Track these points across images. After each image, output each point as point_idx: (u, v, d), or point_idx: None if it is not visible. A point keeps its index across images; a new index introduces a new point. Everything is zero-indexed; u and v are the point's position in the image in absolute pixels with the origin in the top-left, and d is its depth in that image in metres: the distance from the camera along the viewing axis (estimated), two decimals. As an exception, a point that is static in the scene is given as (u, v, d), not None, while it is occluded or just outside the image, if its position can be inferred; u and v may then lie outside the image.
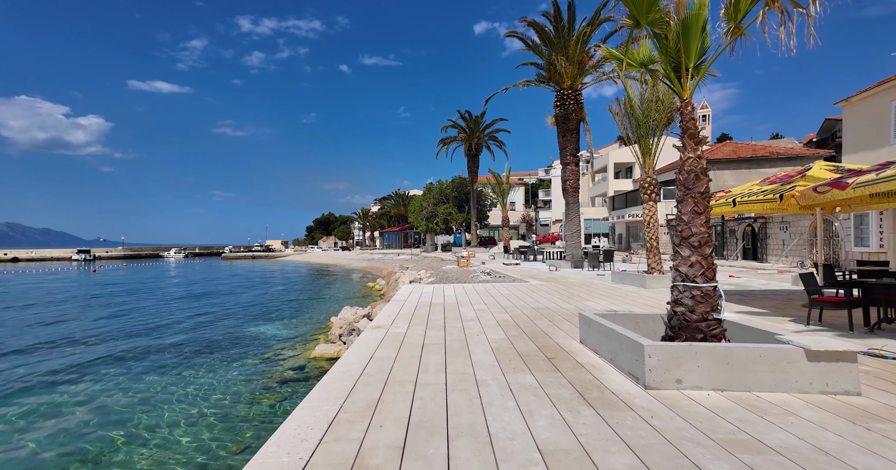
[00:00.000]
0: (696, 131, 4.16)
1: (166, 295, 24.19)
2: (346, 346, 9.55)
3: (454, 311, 7.75)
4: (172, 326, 14.43)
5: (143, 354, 10.70)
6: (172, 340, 12.09)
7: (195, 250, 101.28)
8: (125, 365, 9.80)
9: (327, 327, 12.91)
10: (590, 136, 18.30)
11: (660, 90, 10.48)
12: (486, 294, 9.98)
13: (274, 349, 10.65)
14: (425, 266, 26.68)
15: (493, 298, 9.23)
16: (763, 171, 26.57)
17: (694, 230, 4.06)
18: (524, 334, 5.69)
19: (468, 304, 8.54)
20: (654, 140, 10.89)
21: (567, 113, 17.66)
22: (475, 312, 7.58)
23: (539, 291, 10.30)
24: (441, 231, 44.11)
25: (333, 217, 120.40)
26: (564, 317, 6.92)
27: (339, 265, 53.12)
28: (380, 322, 6.79)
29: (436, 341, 5.37)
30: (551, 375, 3.91)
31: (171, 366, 9.58)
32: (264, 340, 11.91)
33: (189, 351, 10.74)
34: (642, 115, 10.73)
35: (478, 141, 35.99)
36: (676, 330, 4.06)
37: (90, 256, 72.21)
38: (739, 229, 20.44)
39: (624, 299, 8.72)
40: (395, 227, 70.97)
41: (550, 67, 17.83)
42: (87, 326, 14.83)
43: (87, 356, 10.62)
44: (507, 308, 7.90)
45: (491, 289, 11.16)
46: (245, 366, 9.34)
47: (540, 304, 8.33)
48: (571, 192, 18.18)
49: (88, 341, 12.39)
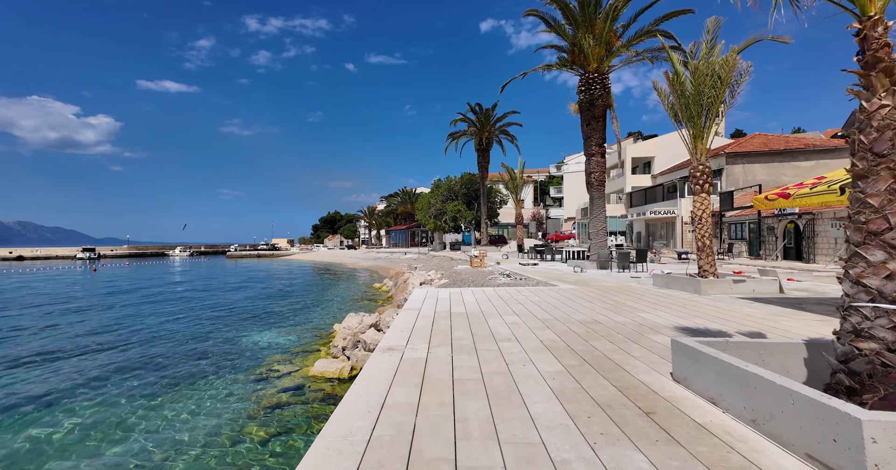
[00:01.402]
0: (892, 64, 2.65)
1: (160, 297, 23.01)
2: (349, 362, 8.15)
3: (482, 324, 6.31)
4: (158, 333, 13.13)
5: (114, 370, 9.36)
6: (155, 352, 10.76)
7: (200, 249, 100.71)
8: (86, 385, 8.46)
9: (329, 336, 11.53)
10: (617, 124, 16.74)
11: (716, 62, 8.93)
12: (514, 301, 8.53)
13: (268, 363, 9.28)
14: (435, 266, 25.26)
15: (524, 307, 7.78)
16: (797, 165, 24.80)
17: (894, 221, 2.57)
18: (587, 364, 4.23)
19: (496, 315, 7.10)
20: (708, 121, 9.34)
21: (592, 98, 16.11)
22: (508, 326, 6.14)
23: (574, 298, 8.83)
24: (450, 229, 42.68)
25: (339, 215, 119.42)
26: (626, 336, 5.44)
27: (344, 265, 51.91)
28: (392, 341, 5.37)
29: (469, 375, 3.94)
30: (671, 452, 2.46)
31: (145, 385, 8.23)
32: (259, 351, 10.56)
33: (171, 366, 9.39)
34: (694, 92, 9.19)
35: (488, 135, 34.43)
36: (862, 378, 2.58)
37: (95, 254, 71.67)
38: (780, 226, 18.75)
39: (686, 310, 7.23)
40: (402, 226, 69.65)
41: (574, 49, 16.28)
42: (59, 333, 13.59)
43: (42, 374, 9.32)
44: (546, 321, 6.45)
45: (516, 294, 9.71)
46: (234, 385, 7.98)
47: (585, 316, 6.86)
48: (597, 185, 16.64)
49: (55, 353, 11.12)
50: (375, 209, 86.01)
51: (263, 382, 7.96)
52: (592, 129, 16.46)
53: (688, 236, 26.77)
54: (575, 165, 50.02)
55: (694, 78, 9.13)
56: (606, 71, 16.37)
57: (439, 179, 43.02)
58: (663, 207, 28.27)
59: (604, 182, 16.66)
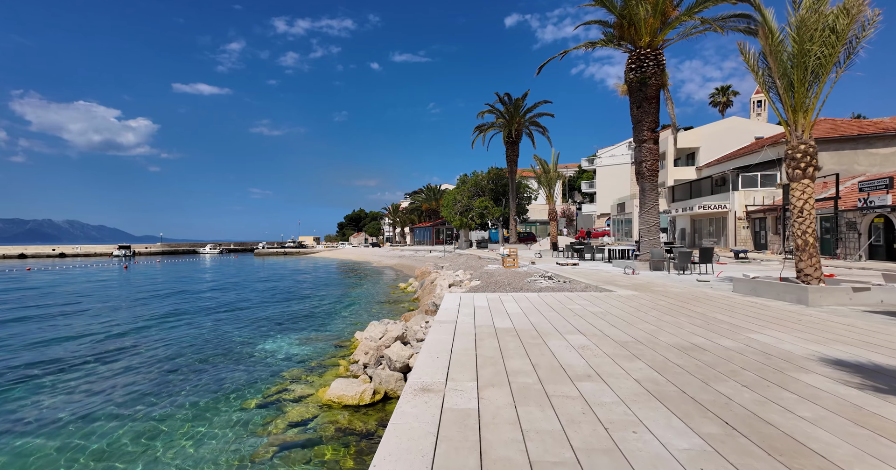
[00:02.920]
0: None
1: (181, 296, 22.52)
2: (370, 384, 6.79)
3: (540, 348, 4.81)
4: (169, 339, 12.22)
5: (108, 386, 8.35)
6: (160, 362, 9.76)
7: (230, 246, 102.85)
8: (73, 401, 7.45)
9: (350, 346, 10.27)
10: (672, 106, 14.74)
11: (831, 12, 7.03)
12: (569, 312, 6.96)
13: (281, 381, 8.05)
14: (463, 265, 23.78)
15: (587, 322, 6.20)
16: (873, 152, 21.94)
17: None
18: (738, 435, 2.67)
19: (555, 333, 5.57)
20: (816, 88, 7.44)
21: (644, 77, 14.21)
22: (577, 352, 4.61)
23: (645, 309, 7.17)
24: (476, 226, 41.12)
25: (364, 213, 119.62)
26: (758, 373, 3.82)
27: (368, 263, 51.18)
28: (425, 374, 3.95)
29: (554, 452, 2.47)
30: None
31: (139, 407, 7.14)
32: (274, 363, 9.38)
33: (174, 382, 8.30)
34: (797, 51, 7.32)
35: (518, 127, 32.54)
36: None
37: (130, 251, 73.90)
38: (864, 222, 16.27)
39: (809, 329, 5.48)
40: (427, 223, 68.49)
41: (623, 22, 14.40)
42: (59, 336, 12.90)
43: (22, 388, 8.40)
44: (626, 345, 4.87)
45: (568, 302, 8.13)
46: (240, 413, 6.78)
47: (675, 336, 5.24)
48: (648, 175, 14.75)
49: (42, 361, 10.30)
50: (399, 206, 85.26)
51: (273, 411, 6.70)
52: (644, 111, 14.56)
53: (742, 233, 24.27)
54: (608, 159, 47.37)
55: (798, 33, 7.25)
56: (661, 45, 14.40)
57: (465, 175, 41.44)
58: (713, 201, 25.79)
59: (657, 172, 14.75)
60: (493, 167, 40.26)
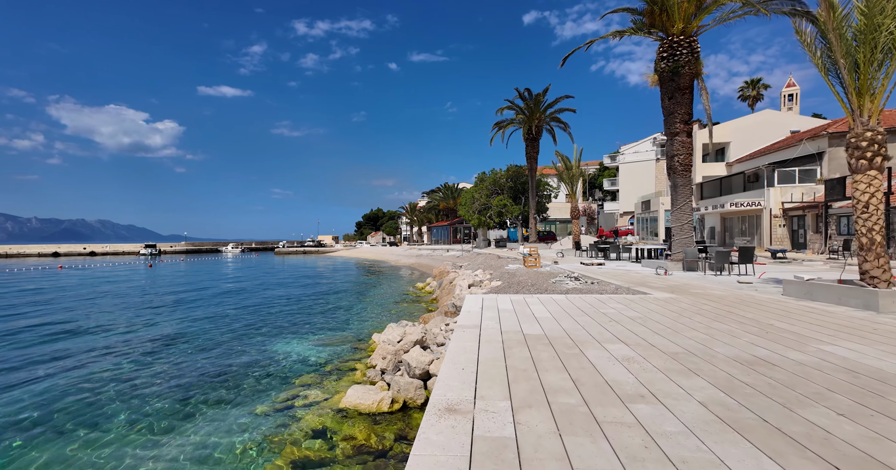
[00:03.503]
0: None
1: (200, 294, 22.65)
2: (388, 391, 6.34)
3: (579, 359, 4.25)
4: (184, 337, 12.08)
5: (118, 386, 8.15)
6: (173, 363, 9.55)
7: (251, 245, 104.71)
8: (83, 402, 7.25)
9: (367, 349, 9.87)
10: (706, 96, 13.83)
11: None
12: (604, 317, 6.35)
13: (296, 387, 7.68)
14: (482, 264, 23.23)
15: (626, 328, 5.60)
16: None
17: None
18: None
19: (592, 341, 5.00)
20: (887, 67, 6.62)
21: (677, 66, 13.37)
22: (622, 365, 4.03)
23: (689, 314, 6.51)
24: (494, 225, 40.46)
25: (381, 212, 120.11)
26: (849, 396, 3.18)
27: (386, 262, 51.08)
28: (450, 390, 3.46)
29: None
30: None
31: (147, 411, 6.87)
32: (288, 366, 9.05)
33: (185, 386, 8.04)
34: (864, 27, 6.51)
35: (538, 123, 31.69)
36: None
37: (156, 250, 75.95)
38: (920, 219, 14.99)
39: (886, 338, 4.75)
40: (444, 222, 68.06)
41: (654, 9, 13.58)
42: (75, 332, 12.91)
43: (25, 386, 8.26)
44: (678, 357, 4.27)
45: (600, 305, 7.51)
46: (251, 419, 6.45)
47: (732, 347, 4.60)
48: (681, 170, 13.90)
49: (54, 358, 10.22)
50: (417, 206, 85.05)
51: (286, 417, 6.33)
52: (676, 103, 13.70)
53: (777, 231, 22.94)
54: (632, 155, 45.93)
55: (867, 5, 6.45)
56: (695, 32, 13.52)
57: (483, 173, 40.75)
58: (746, 198, 24.48)
59: (690, 166, 13.87)
60: (511, 165, 39.52)
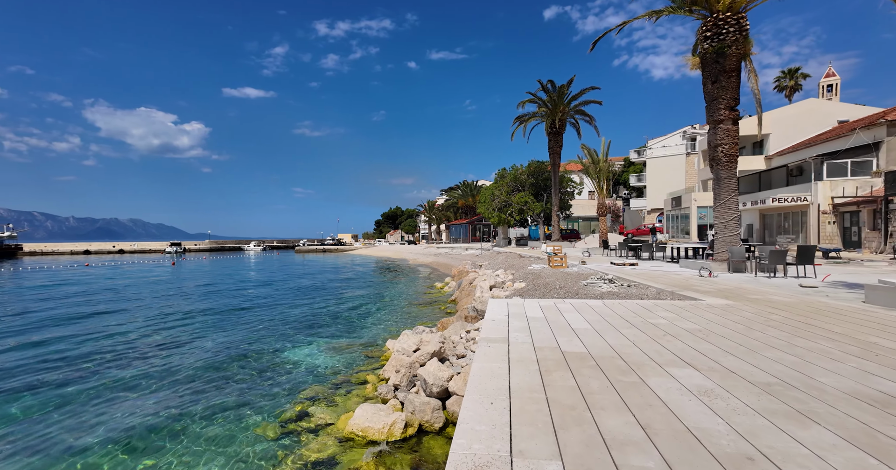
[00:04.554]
0: None
1: (216, 293, 22.43)
2: (401, 413, 5.51)
3: (642, 394, 3.29)
4: (192, 341, 11.58)
5: (116, 394, 7.58)
6: (176, 369, 8.99)
7: (273, 243, 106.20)
8: (72, 411, 6.68)
9: (381, 358, 9.10)
10: (756, 79, 12.45)
11: None
12: (654, 329, 5.34)
13: (301, 401, 6.95)
14: (503, 264, 22.23)
15: (687, 346, 4.59)
16: None
17: None
18: None
19: (649, 362, 4.03)
20: None
21: (722, 46, 12.06)
22: (702, 402, 3.06)
23: (758, 326, 5.43)
24: (515, 223, 39.30)
25: (400, 211, 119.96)
26: None
27: (404, 260, 50.54)
28: (476, 437, 2.58)
29: None
30: None
31: (141, 422, 6.25)
32: (296, 376, 8.35)
33: (187, 394, 7.43)
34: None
35: (562, 116, 30.33)
36: None
37: (181, 248, 77.65)
38: None
39: None
40: (463, 220, 67.09)
41: (695, -18, 12.29)
42: (82, 331, 12.56)
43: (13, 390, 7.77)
44: (772, 390, 3.27)
45: (645, 313, 6.49)
46: (249, 442, 5.72)
47: (849, 379, 3.56)
48: (726, 162, 12.57)
49: (52, 360, 9.78)
50: (435, 204, 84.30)
51: (286, 442, 5.58)
52: (721, 87, 12.39)
53: (826, 229, 21.11)
54: (660, 149, 43.89)
55: None
56: (743, 8, 12.18)
57: (504, 169, 39.57)
58: (790, 194, 22.66)
59: (736, 157, 12.53)
60: (533, 160, 38.21)
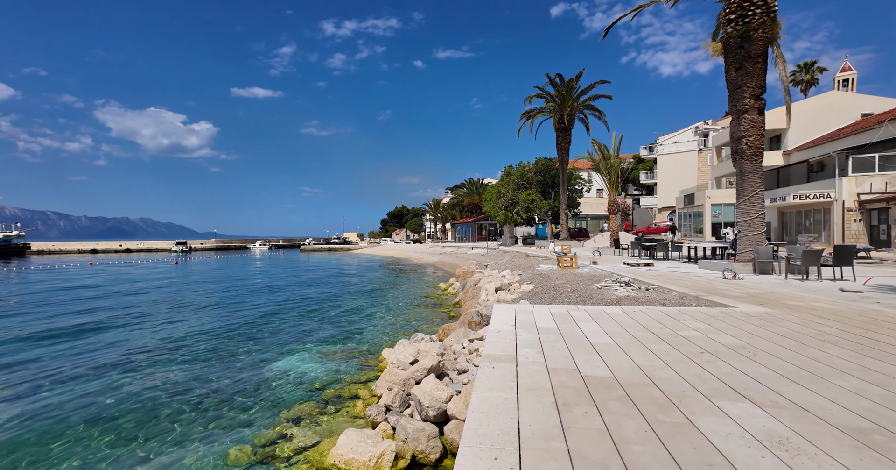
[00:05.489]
0: None
1: (213, 294, 21.86)
2: (391, 442, 4.75)
3: (696, 445, 2.45)
4: (177, 345, 10.92)
5: (76, 408, 6.92)
6: (153, 379, 8.31)
7: (279, 242, 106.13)
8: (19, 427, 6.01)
9: (377, 368, 8.36)
10: (785, 65, 11.49)
11: None
12: (686, 344, 4.51)
13: (283, 422, 6.20)
14: (509, 264, 21.40)
15: (733, 368, 3.75)
16: None
17: None
18: None
19: (692, 391, 3.21)
20: None
21: (748, 30, 11.12)
22: (781, 461, 2.24)
23: (811, 342, 4.58)
24: (522, 222, 38.39)
25: (406, 210, 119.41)
26: None
27: (408, 260, 49.86)
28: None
29: None
30: None
31: (100, 444, 5.55)
32: (282, 388, 7.63)
33: (156, 408, 6.73)
34: None
35: (570, 111, 29.36)
36: None
37: (186, 247, 77.64)
38: None
39: None
40: (468, 218, 66.22)
41: (717, -40, 11.34)
42: (62, 335, 11.97)
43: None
44: (868, 438, 2.43)
45: (673, 323, 5.65)
46: (212, 464, 4.98)
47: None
48: (750, 155, 11.64)
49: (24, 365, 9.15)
50: (440, 202, 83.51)
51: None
52: (745, 74, 11.44)
53: (852, 227, 20.01)
54: (671, 146, 42.69)
55: None
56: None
57: (510, 166, 38.65)
58: (812, 190, 21.56)
59: (761, 150, 11.58)
60: (540, 157, 37.27)
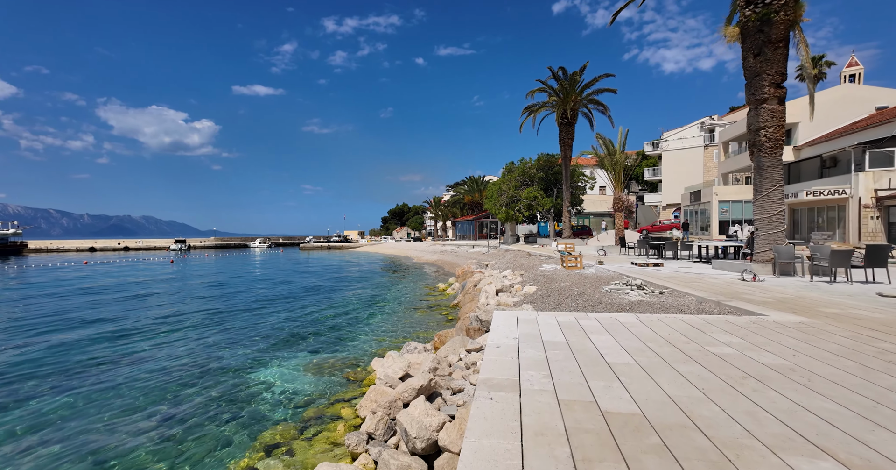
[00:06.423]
0: None
1: (201, 296, 21.18)
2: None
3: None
4: (151, 356, 10.20)
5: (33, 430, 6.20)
6: (117, 395, 7.58)
7: (279, 240, 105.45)
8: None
9: (364, 382, 7.63)
10: (807, 50, 10.67)
11: None
12: (723, 365, 3.74)
13: (257, 448, 5.48)
14: (511, 263, 20.64)
15: (792, 402, 2.98)
16: None
17: None
18: None
19: (750, 441, 2.42)
20: None
21: (768, 12, 10.29)
22: None
23: (872, 361, 3.80)
24: (523, 219, 37.61)
25: (407, 208, 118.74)
26: None
27: (408, 258, 49.15)
28: None
29: None
30: None
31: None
32: (258, 407, 6.90)
33: (94, 440, 5.99)
34: None
35: (574, 105, 28.51)
36: None
37: (185, 245, 77.02)
38: None
39: None
40: (469, 216, 65.43)
41: (735, -63, 10.51)
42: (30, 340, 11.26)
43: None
44: None
45: (701, 338, 4.89)
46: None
47: None
48: (770, 148, 10.82)
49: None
50: (441, 200, 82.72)
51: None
52: (765, 60, 10.60)
53: (868, 225, 19.17)
54: (676, 142, 41.78)
55: None
56: (793, -35, 10.37)
57: (512, 163, 37.81)
58: (825, 186, 20.71)
59: (781, 142, 10.77)
60: (542, 153, 36.44)
